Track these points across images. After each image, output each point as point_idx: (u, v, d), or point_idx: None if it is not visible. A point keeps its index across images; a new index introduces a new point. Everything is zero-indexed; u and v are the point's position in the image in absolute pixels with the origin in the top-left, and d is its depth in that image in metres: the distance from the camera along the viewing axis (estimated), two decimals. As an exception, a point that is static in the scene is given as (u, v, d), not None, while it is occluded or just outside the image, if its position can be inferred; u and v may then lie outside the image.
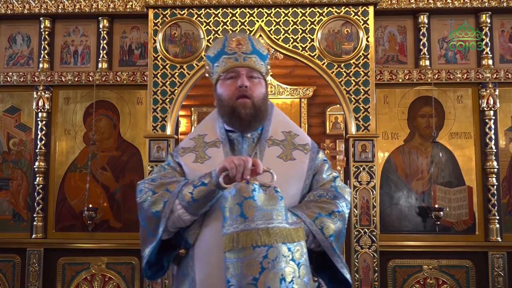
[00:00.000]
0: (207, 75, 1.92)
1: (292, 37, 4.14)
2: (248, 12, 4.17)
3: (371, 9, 4.12)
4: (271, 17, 4.16)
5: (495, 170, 4.20)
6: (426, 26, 4.33)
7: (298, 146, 1.79)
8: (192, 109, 8.12)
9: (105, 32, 4.44)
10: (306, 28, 4.14)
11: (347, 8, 4.13)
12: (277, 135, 1.80)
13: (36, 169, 4.35)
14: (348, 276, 1.67)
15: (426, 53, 4.32)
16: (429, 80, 4.27)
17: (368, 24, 4.11)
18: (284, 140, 1.79)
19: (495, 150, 4.22)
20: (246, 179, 1.52)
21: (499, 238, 4.13)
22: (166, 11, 4.19)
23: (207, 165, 1.71)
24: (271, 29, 4.16)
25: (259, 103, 1.74)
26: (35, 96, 4.42)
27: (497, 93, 4.26)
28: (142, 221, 1.71)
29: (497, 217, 4.15)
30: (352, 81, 4.08)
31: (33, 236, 4.29)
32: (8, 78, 4.43)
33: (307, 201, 1.70)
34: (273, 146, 1.77)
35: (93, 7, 4.37)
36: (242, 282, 1.41)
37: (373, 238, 3.96)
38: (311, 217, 1.61)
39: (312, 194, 1.72)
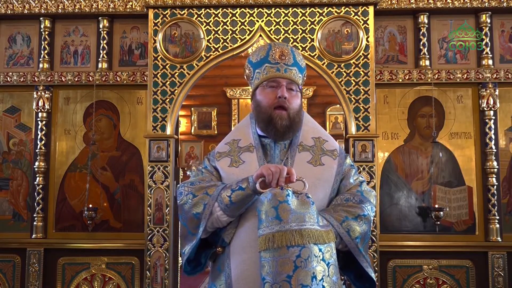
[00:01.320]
0: (245, 78, 2.01)
1: (292, 37, 4.14)
2: (248, 12, 4.17)
3: (371, 9, 4.12)
4: (271, 17, 4.16)
5: (495, 170, 4.20)
6: (426, 26, 4.33)
7: (327, 152, 1.90)
8: (192, 109, 8.14)
9: (105, 32, 4.44)
10: (306, 28, 4.14)
11: (347, 8, 4.13)
12: (307, 140, 1.91)
13: (36, 169, 4.35)
14: (372, 275, 1.78)
15: (426, 53, 4.32)
16: (429, 80, 4.27)
17: (368, 24, 4.11)
18: (314, 146, 1.90)
19: (495, 150, 4.22)
20: (281, 185, 1.63)
21: (499, 238, 4.13)
22: (166, 11, 4.19)
23: (242, 169, 1.84)
24: (271, 29, 4.16)
25: (294, 115, 1.84)
26: (35, 96, 4.42)
27: (497, 93, 4.26)
28: (183, 221, 1.84)
29: (497, 217, 4.15)
30: (352, 81, 4.08)
31: (33, 236, 4.29)
32: (8, 78, 4.44)
33: (335, 204, 1.81)
34: (303, 151, 1.88)
35: (93, 7, 4.37)
36: (277, 279, 1.52)
37: (373, 238, 3.96)
38: (339, 220, 1.72)
39: (339, 198, 1.84)
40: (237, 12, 4.18)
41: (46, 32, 4.46)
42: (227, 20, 4.18)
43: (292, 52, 1.90)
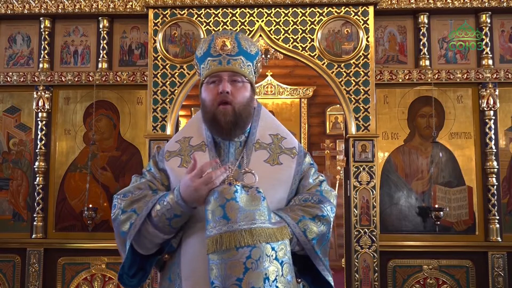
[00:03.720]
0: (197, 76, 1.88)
1: (292, 37, 4.14)
2: (248, 12, 4.17)
3: (371, 9, 4.12)
4: (271, 17, 4.16)
5: (495, 170, 4.20)
6: (426, 26, 4.33)
7: (285, 150, 1.76)
8: (192, 109, 8.12)
9: (105, 32, 4.44)
10: (306, 28, 4.14)
11: (347, 8, 4.13)
12: (264, 138, 1.78)
13: (36, 169, 4.35)
14: (330, 279, 1.67)
15: (426, 53, 4.31)
16: (429, 80, 4.27)
17: (368, 24, 4.11)
18: (271, 143, 1.76)
19: (495, 150, 4.22)
20: (229, 181, 1.53)
21: (499, 238, 4.13)
22: (166, 11, 4.19)
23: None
24: (271, 29, 4.16)
25: (240, 110, 1.68)
26: (35, 96, 4.42)
27: (497, 93, 4.26)
28: (116, 236, 1.71)
29: (497, 217, 4.15)
30: (352, 81, 4.08)
31: (33, 236, 4.29)
32: (8, 78, 4.44)
33: (292, 205, 1.70)
34: (260, 150, 1.74)
35: (93, 7, 4.37)
36: (226, 283, 1.42)
37: (373, 238, 3.96)
38: (295, 220, 1.61)
39: (297, 198, 1.72)
40: (237, 12, 4.18)
41: (46, 32, 4.46)
42: (227, 20, 4.18)
43: (236, 40, 1.72)
